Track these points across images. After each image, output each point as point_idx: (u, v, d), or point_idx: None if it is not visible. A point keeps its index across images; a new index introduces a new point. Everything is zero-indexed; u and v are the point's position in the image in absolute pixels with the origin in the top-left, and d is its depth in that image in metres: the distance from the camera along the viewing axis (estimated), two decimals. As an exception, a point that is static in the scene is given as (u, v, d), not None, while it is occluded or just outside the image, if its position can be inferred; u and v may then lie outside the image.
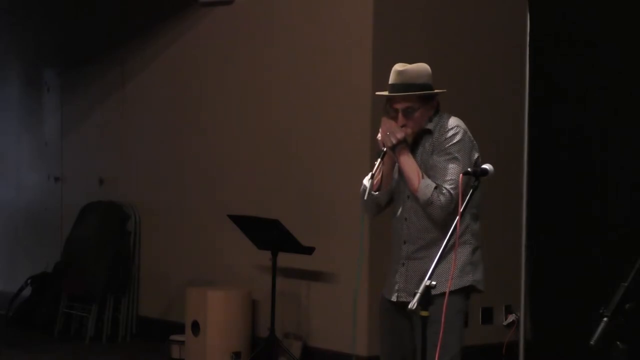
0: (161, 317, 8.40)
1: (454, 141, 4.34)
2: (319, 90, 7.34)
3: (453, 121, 4.41)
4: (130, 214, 8.62)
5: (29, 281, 9.11)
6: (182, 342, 7.57)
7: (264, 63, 7.71)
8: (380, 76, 7.04)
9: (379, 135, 4.42)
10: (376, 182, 4.43)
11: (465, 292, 4.38)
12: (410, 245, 4.38)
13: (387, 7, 7.06)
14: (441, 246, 3.93)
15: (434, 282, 3.76)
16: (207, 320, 7.31)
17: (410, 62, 7.17)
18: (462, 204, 4.01)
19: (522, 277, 6.38)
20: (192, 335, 7.40)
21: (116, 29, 8.96)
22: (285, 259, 7.16)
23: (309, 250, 6.95)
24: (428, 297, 3.73)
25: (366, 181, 4.44)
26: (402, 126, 4.36)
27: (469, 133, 4.42)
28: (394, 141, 4.33)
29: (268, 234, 7.04)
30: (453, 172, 4.27)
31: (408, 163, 4.35)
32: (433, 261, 3.90)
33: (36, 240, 9.89)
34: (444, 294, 4.05)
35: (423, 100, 4.39)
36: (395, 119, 4.40)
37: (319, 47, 7.34)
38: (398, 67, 4.43)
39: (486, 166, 4.14)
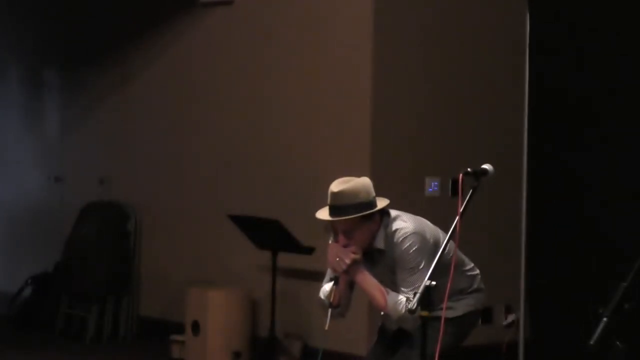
0: (161, 317, 8.40)
1: (411, 251, 4.27)
2: (319, 90, 7.34)
3: (400, 230, 4.31)
4: (130, 214, 8.62)
5: (29, 281, 9.11)
6: (182, 342, 7.58)
7: (264, 64, 7.71)
8: (380, 77, 7.07)
9: (329, 261, 4.38)
10: (335, 302, 4.39)
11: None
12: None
13: (387, 8, 7.06)
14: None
15: (434, 283, 3.77)
16: (207, 320, 7.32)
17: (412, 63, 7.22)
18: (462, 205, 4.02)
19: (522, 277, 6.38)
20: (192, 335, 7.41)
21: (116, 29, 8.96)
22: (285, 259, 7.17)
23: (309, 250, 6.95)
24: (428, 297, 3.74)
25: (322, 294, 4.44)
26: (346, 246, 4.30)
27: (418, 229, 4.34)
28: (345, 266, 4.29)
29: (268, 234, 7.05)
30: (417, 280, 4.15)
31: (366, 282, 4.32)
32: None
33: (36, 240, 9.89)
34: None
35: (361, 220, 4.29)
36: (338, 240, 4.35)
37: (319, 47, 7.34)
38: (334, 187, 4.33)
39: (486, 166, 4.14)
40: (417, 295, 3.74)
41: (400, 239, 4.30)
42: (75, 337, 8.51)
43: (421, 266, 4.23)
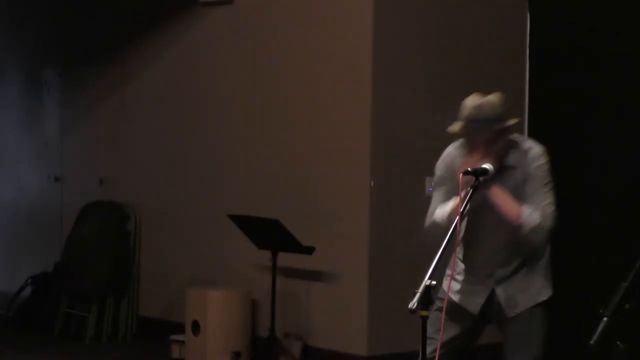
0: (161, 317, 8.40)
1: (546, 168, 4.41)
2: (319, 90, 7.34)
3: (535, 148, 4.43)
4: (130, 214, 8.62)
5: (29, 281, 9.11)
6: (182, 342, 7.58)
7: (264, 63, 7.71)
8: (380, 76, 7.07)
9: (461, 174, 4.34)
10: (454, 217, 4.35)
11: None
12: (503, 269, 4.46)
13: (387, 8, 7.07)
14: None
15: (434, 282, 3.77)
16: (207, 320, 7.32)
17: (412, 63, 7.22)
18: (462, 205, 4.02)
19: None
20: (192, 335, 7.41)
21: (116, 29, 8.96)
22: (285, 259, 7.17)
23: (309, 250, 6.95)
24: (428, 297, 3.74)
25: (438, 217, 4.40)
26: (484, 158, 4.31)
27: None
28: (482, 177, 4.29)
29: (268, 234, 7.04)
30: (550, 196, 4.38)
31: (501, 193, 4.32)
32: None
33: (36, 240, 9.89)
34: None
35: (502, 132, 4.35)
36: (474, 154, 4.35)
37: (319, 47, 7.34)
38: (475, 100, 4.35)
39: (486, 166, 4.15)
40: (417, 295, 3.74)
41: (537, 155, 4.41)
42: (75, 337, 8.52)
43: (551, 186, 4.39)
